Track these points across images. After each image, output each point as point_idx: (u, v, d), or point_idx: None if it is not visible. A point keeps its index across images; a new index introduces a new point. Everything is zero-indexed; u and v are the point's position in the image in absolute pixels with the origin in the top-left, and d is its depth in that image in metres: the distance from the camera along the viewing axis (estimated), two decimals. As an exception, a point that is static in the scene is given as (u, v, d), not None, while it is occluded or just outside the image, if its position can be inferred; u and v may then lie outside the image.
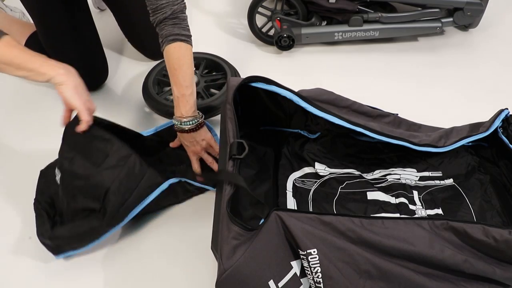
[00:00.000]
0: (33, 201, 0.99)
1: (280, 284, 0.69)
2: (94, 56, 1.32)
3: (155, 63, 1.40)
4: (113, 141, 0.93)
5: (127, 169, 0.90)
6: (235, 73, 1.33)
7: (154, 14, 1.00)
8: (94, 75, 1.32)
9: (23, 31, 1.36)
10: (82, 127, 0.91)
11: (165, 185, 0.96)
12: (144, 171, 0.92)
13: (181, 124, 1.00)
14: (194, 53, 1.03)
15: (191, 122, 1.00)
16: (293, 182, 1.02)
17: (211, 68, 1.39)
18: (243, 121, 0.96)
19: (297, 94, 0.93)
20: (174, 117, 1.01)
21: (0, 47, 0.84)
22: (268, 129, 1.13)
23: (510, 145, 0.99)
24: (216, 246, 0.70)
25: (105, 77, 1.36)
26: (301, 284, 0.71)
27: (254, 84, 0.90)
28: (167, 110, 1.22)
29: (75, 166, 0.91)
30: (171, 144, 1.11)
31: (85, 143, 0.93)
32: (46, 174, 1.06)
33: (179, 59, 0.99)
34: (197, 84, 1.27)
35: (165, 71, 1.31)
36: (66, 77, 0.88)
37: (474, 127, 1.02)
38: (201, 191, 1.06)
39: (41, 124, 1.28)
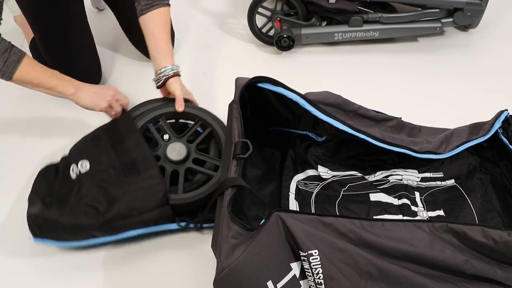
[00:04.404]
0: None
1: (279, 285, 0.69)
2: (87, 60, 1.33)
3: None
4: (151, 162, 0.95)
5: (149, 193, 0.92)
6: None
7: None
8: (87, 78, 1.34)
9: (27, 32, 1.37)
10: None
11: (172, 226, 0.96)
12: (162, 203, 0.92)
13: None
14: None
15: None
16: (296, 184, 1.02)
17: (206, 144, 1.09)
18: (252, 121, 0.96)
19: (303, 96, 0.92)
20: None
21: (22, 68, 0.94)
22: (277, 130, 1.12)
23: (510, 146, 0.99)
24: (216, 244, 0.70)
25: (98, 80, 1.38)
26: (300, 286, 0.71)
27: (261, 85, 0.90)
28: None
29: (111, 163, 0.96)
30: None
31: (128, 149, 0.98)
32: (44, 175, 1.05)
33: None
34: (188, 157, 1.02)
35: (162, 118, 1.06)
36: (78, 94, 1.03)
37: (474, 129, 1.03)
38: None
39: (43, 124, 1.28)
